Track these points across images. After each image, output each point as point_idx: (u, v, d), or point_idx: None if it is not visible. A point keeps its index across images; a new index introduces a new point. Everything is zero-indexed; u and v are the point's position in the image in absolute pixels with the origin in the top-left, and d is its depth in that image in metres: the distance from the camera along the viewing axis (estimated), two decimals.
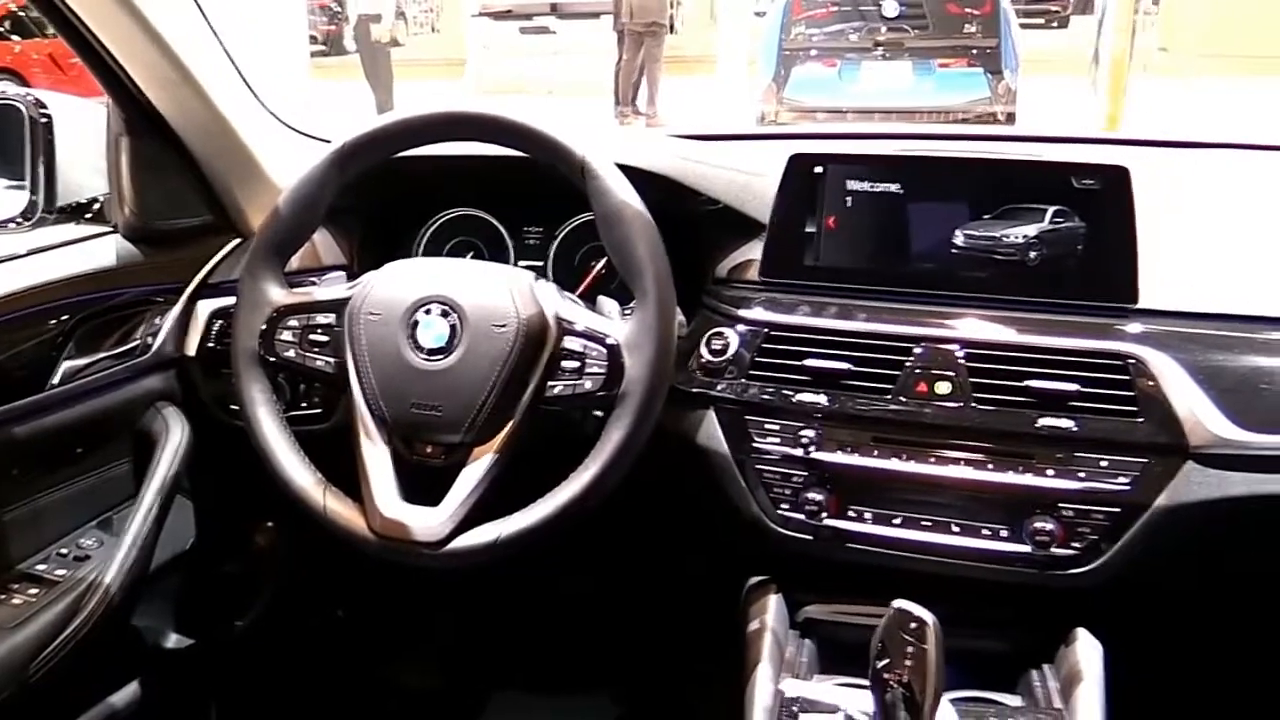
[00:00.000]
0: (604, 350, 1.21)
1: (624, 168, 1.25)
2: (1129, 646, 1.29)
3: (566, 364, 1.22)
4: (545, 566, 1.63)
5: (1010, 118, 7.49)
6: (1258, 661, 1.60)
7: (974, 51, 7.62)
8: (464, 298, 1.23)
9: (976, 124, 7.26)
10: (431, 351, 1.22)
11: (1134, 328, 1.27)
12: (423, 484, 1.23)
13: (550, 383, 1.22)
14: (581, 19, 15.46)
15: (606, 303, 1.34)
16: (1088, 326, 1.28)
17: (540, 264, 1.65)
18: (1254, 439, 1.20)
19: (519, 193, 1.56)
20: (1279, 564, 1.37)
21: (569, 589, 1.97)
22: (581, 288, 1.61)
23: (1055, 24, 15.21)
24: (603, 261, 1.61)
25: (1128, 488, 1.22)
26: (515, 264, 1.65)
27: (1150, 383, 1.22)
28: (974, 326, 1.30)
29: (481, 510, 1.20)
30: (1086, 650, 1.29)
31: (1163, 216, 1.35)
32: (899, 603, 1.01)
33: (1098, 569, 1.24)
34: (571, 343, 1.22)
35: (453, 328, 1.22)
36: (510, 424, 1.21)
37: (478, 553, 1.19)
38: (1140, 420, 1.22)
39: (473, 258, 1.66)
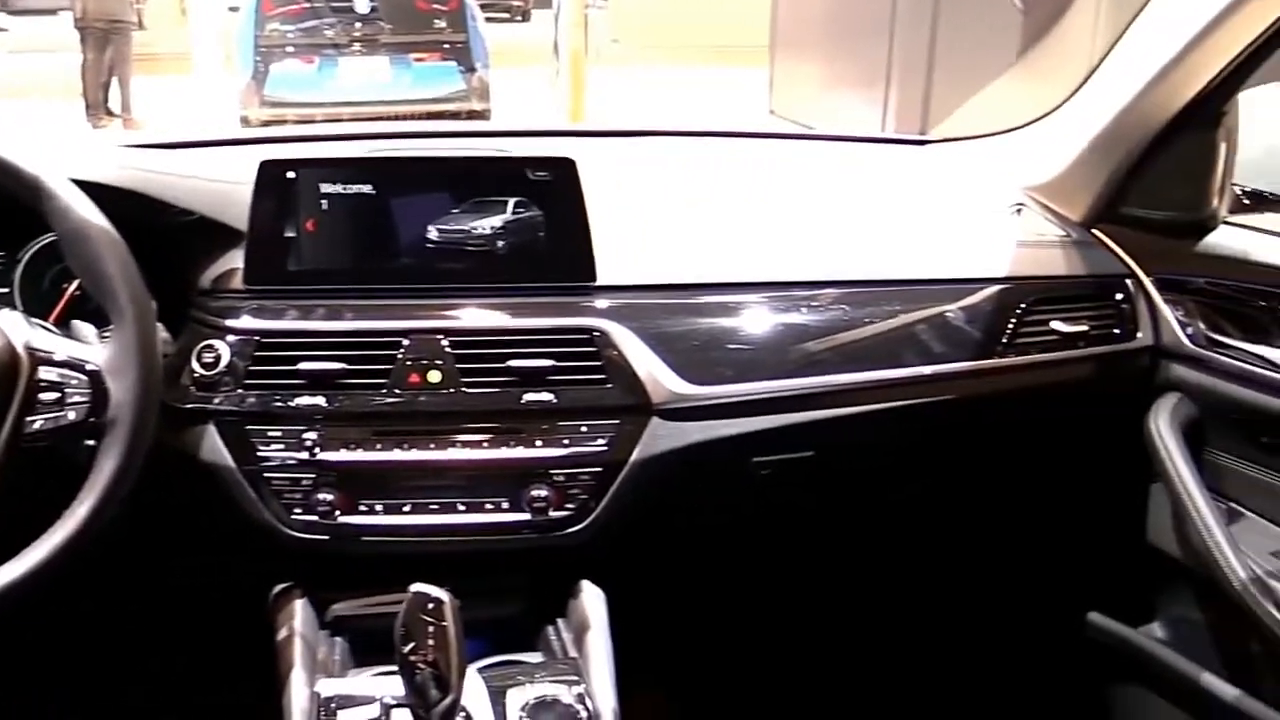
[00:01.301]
0: (85, 377, 1.16)
1: (83, 183, 1.20)
2: (629, 590, 1.43)
3: (45, 396, 1.15)
4: (62, 606, 1.52)
5: (486, 112, 7.82)
6: (736, 590, 1.84)
7: (445, 46, 7.87)
8: None
9: (454, 119, 7.50)
10: None
11: (596, 303, 1.40)
12: None
13: (29, 418, 1.14)
14: (36, 15, 14.04)
15: (83, 327, 1.28)
16: (556, 306, 1.40)
17: (5, 291, 1.52)
18: (702, 391, 1.38)
19: None
20: (740, 499, 1.59)
21: (93, 625, 1.84)
22: (55, 313, 1.51)
23: (519, 17, 15.93)
24: (75, 284, 1.52)
25: (606, 448, 1.36)
26: None
27: (614, 352, 1.36)
28: (456, 315, 1.38)
29: None
30: (591, 600, 1.41)
31: (613, 200, 1.50)
32: (416, 586, 1.06)
33: (590, 525, 1.37)
34: (48, 373, 1.15)
35: None
36: None
37: None
38: (610, 386, 1.36)
39: None
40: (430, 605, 1.05)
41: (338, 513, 1.33)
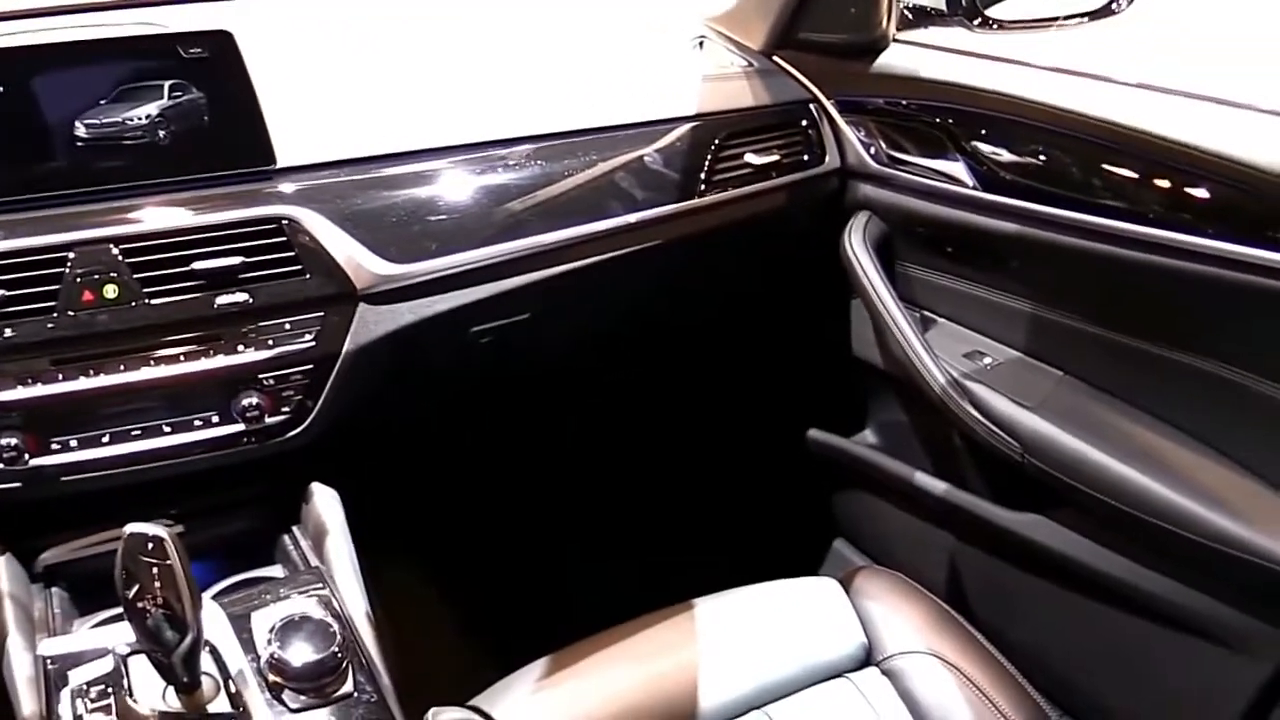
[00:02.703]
0: None
1: None
2: (365, 487, 1.38)
3: None
4: None
5: None
6: (477, 463, 1.82)
7: None
8: None
9: None
10: None
11: (280, 188, 1.29)
12: None
13: None
14: None
15: None
16: (237, 196, 1.27)
17: None
18: (408, 270, 1.31)
19: None
20: (465, 372, 1.55)
21: None
22: None
23: None
24: None
25: (314, 343, 1.27)
26: None
27: (306, 239, 1.26)
28: (125, 219, 1.23)
29: None
30: (326, 503, 1.35)
31: (285, 72, 1.37)
32: (130, 527, 0.97)
33: (311, 425, 1.30)
34: None
35: None
36: None
37: None
38: (308, 277, 1.26)
39: None
40: (150, 544, 0.96)
41: (27, 456, 1.20)
